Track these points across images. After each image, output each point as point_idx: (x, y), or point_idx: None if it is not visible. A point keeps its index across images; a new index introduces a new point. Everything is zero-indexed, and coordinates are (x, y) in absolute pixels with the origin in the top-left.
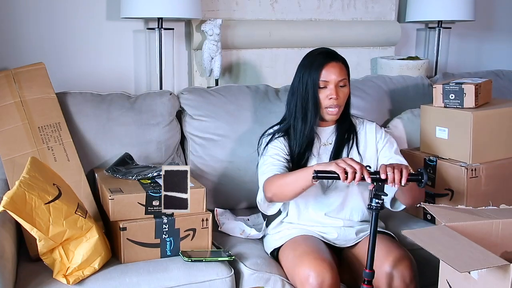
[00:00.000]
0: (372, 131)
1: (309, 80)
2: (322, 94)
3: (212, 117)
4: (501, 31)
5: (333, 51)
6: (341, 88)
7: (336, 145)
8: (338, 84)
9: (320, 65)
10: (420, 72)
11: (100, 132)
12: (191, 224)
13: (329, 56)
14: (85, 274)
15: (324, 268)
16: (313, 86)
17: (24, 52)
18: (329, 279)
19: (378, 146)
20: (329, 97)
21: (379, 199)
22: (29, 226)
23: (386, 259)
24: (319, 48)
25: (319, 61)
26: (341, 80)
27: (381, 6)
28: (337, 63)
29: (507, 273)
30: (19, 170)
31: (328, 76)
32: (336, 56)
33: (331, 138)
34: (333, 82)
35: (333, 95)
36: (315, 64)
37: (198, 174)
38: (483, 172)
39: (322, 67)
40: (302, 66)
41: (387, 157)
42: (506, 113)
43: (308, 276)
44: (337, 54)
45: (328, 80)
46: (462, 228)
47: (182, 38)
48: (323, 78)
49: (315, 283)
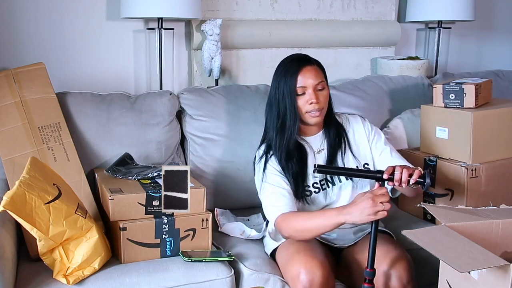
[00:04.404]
0: (359, 125)
1: (285, 88)
2: (301, 100)
3: (212, 117)
4: (501, 31)
5: (305, 56)
6: (320, 91)
7: (329, 151)
8: (316, 88)
9: (295, 71)
10: (420, 72)
11: (100, 132)
12: (191, 224)
13: (303, 61)
14: (85, 274)
15: (314, 265)
16: (290, 94)
17: (24, 52)
18: (320, 277)
19: (369, 139)
20: (309, 102)
21: None
22: (29, 226)
23: (384, 259)
24: (290, 55)
25: (293, 68)
26: (318, 83)
27: (381, 6)
28: (312, 67)
29: (507, 273)
30: (19, 170)
31: (305, 81)
32: (309, 60)
33: (322, 144)
34: (311, 86)
35: (313, 100)
36: (290, 71)
37: (198, 174)
38: (483, 172)
39: (297, 73)
40: (277, 75)
41: (379, 150)
42: (506, 113)
43: (298, 273)
44: (310, 58)
45: (305, 86)
46: (462, 228)
47: (182, 38)
48: (300, 84)
49: (305, 280)
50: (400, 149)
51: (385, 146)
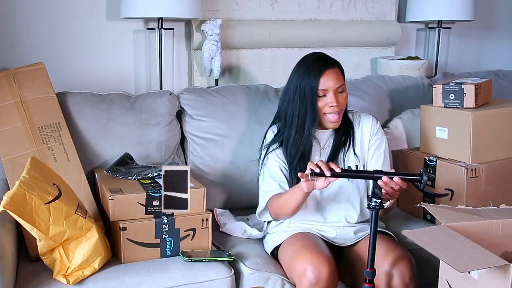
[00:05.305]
0: (368, 124)
1: (307, 88)
2: (321, 102)
3: (212, 117)
4: (501, 31)
5: (328, 57)
6: (340, 94)
7: (333, 148)
8: (337, 91)
9: (317, 73)
10: (420, 72)
11: (100, 132)
12: (191, 224)
13: (326, 63)
14: (85, 274)
15: (321, 262)
16: (312, 95)
17: (24, 52)
18: (326, 273)
19: (370, 138)
20: (330, 105)
21: (378, 198)
22: (29, 226)
23: (386, 258)
24: (313, 53)
25: (316, 69)
26: (339, 87)
27: (381, 6)
28: (334, 69)
29: (507, 273)
30: (19, 170)
31: (327, 84)
32: (332, 62)
33: (329, 141)
34: (332, 89)
35: (333, 103)
36: (313, 72)
37: (198, 174)
38: (483, 172)
39: (320, 75)
40: (299, 73)
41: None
42: (506, 113)
43: (305, 270)
44: (332, 59)
45: (327, 88)
46: (462, 228)
47: (182, 38)
48: (321, 87)
49: (312, 276)
50: (400, 149)
51: (380, 155)
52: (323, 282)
